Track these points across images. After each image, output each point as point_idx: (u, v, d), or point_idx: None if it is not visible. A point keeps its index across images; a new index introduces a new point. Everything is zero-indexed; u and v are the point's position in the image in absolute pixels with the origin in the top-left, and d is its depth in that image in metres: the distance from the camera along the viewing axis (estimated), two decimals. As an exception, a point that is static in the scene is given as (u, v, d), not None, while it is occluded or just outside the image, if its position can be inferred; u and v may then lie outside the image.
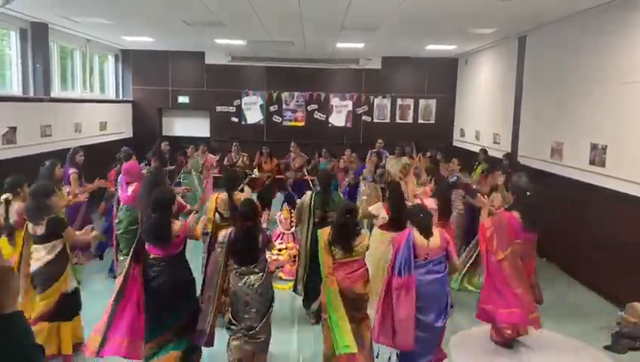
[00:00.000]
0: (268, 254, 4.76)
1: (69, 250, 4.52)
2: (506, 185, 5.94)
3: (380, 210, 5.51)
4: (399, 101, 13.38)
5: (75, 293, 4.56)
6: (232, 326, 4.21)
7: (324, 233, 4.33)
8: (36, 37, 8.93)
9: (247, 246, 4.15)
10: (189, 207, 5.68)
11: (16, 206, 4.81)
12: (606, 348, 5.11)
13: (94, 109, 11.16)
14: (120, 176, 6.38)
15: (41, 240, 4.31)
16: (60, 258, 4.36)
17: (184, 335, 4.19)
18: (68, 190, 6.25)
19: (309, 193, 5.54)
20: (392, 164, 9.65)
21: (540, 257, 7.96)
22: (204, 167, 9.53)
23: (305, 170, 9.68)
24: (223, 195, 5.17)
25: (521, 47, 9.15)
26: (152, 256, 4.14)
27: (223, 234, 4.28)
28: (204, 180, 9.62)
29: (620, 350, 5.06)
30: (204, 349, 4.37)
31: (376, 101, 13.40)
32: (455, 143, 12.98)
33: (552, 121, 7.94)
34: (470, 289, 6.49)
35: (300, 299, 5.73)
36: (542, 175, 7.97)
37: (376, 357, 4.43)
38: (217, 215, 5.19)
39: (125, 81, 13.17)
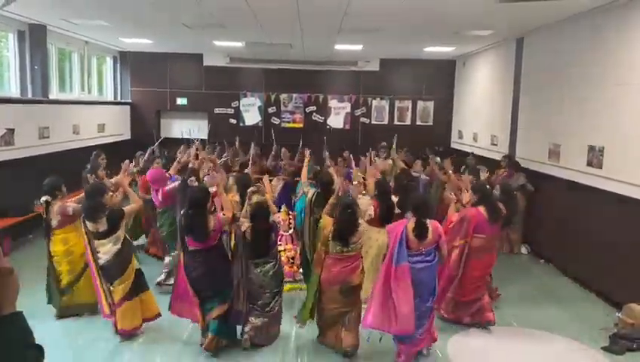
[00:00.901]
0: None
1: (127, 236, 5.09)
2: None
3: (368, 207, 5.64)
4: (397, 103, 13.40)
5: (140, 270, 5.14)
6: (249, 305, 4.78)
7: (327, 224, 4.67)
8: (34, 39, 8.93)
9: (261, 243, 4.74)
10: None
11: (56, 207, 5.22)
12: (603, 349, 5.12)
13: (92, 111, 11.16)
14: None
15: (105, 235, 4.84)
16: (126, 244, 4.96)
17: (228, 316, 4.70)
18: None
19: (312, 190, 5.69)
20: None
21: (539, 259, 8.02)
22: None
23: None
24: (237, 197, 5.40)
25: (519, 50, 9.18)
26: (191, 249, 4.57)
27: (241, 229, 4.77)
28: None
29: (618, 351, 5.06)
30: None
31: (375, 103, 13.42)
32: (453, 145, 13.00)
33: (549, 122, 7.96)
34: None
35: (298, 301, 5.73)
36: (539, 177, 8.01)
37: (367, 341, 4.83)
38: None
39: (123, 82, 13.17)
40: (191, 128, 11.05)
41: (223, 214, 4.75)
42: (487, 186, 5.77)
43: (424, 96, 13.37)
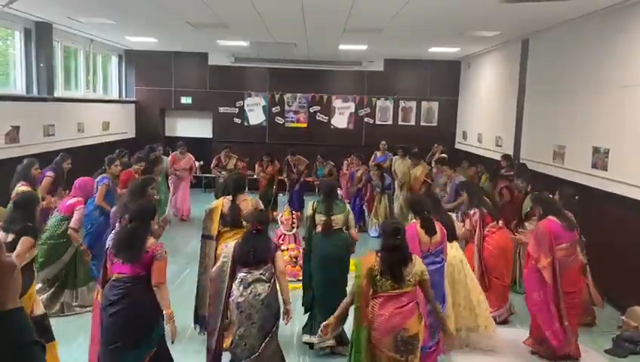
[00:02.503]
0: None
1: (35, 267, 4.16)
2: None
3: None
4: (402, 103, 13.38)
5: (45, 318, 3.99)
6: (235, 350, 3.89)
7: (367, 260, 3.65)
8: (40, 37, 8.95)
9: (255, 248, 3.93)
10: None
11: None
12: (607, 351, 5.10)
13: (97, 109, 11.19)
14: (97, 179, 6.24)
15: (8, 249, 3.80)
16: (24, 273, 3.88)
17: None
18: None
19: (311, 203, 5.27)
20: (398, 165, 9.71)
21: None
22: (169, 171, 9.57)
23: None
24: (229, 198, 5.04)
25: (524, 51, 9.15)
26: (114, 277, 3.65)
27: (226, 249, 4.08)
28: (182, 181, 9.74)
29: (621, 354, 5.05)
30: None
31: (379, 103, 13.40)
32: (457, 146, 12.97)
33: (554, 124, 7.93)
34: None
35: (299, 300, 5.43)
36: (544, 178, 7.97)
37: None
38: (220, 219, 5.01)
39: (128, 81, 13.20)
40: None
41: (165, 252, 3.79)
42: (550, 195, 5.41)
43: (429, 97, 13.34)
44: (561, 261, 4.76)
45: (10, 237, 3.98)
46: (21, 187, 5.58)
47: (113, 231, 4.19)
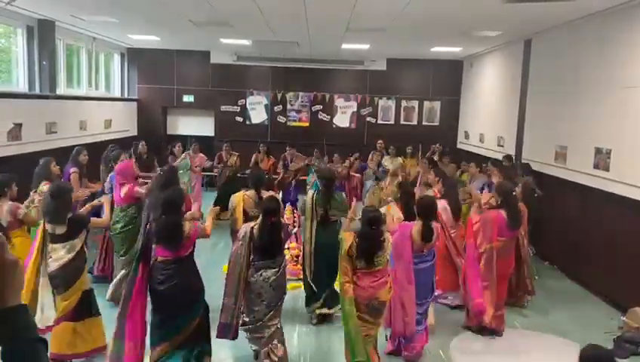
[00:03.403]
0: None
1: (85, 249, 4.51)
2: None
3: (395, 211, 5.41)
4: (404, 103, 13.37)
5: (91, 292, 4.55)
6: (245, 319, 4.36)
7: (348, 239, 4.24)
8: (43, 34, 8.97)
9: (270, 242, 4.28)
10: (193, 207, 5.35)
11: (6, 206, 4.79)
12: (607, 352, 5.10)
13: (99, 107, 11.20)
14: (110, 175, 6.28)
15: (61, 239, 4.30)
16: (80, 256, 4.38)
17: (194, 339, 4.14)
18: None
19: (310, 192, 5.57)
20: (387, 164, 9.75)
21: (543, 261, 7.98)
22: (191, 167, 9.52)
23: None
24: (250, 193, 5.19)
25: (527, 51, 9.13)
26: (160, 259, 4.06)
27: (244, 230, 4.37)
28: (193, 180, 9.69)
29: (622, 355, 5.03)
30: (227, 348, 4.65)
31: (381, 102, 13.39)
32: (459, 146, 12.96)
33: (556, 124, 7.92)
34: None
35: (301, 300, 5.75)
36: (545, 178, 7.96)
37: (386, 339, 4.86)
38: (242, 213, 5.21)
39: (131, 79, 13.21)
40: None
41: (202, 223, 4.37)
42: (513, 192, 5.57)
43: (431, 97, 13.33)
44: (498, 250, 5.25)
45: (60, 229, 4.28)
46: (44, 186, 5.54)
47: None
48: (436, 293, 5.25)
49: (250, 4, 7.03)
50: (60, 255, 4.28)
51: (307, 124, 13.44)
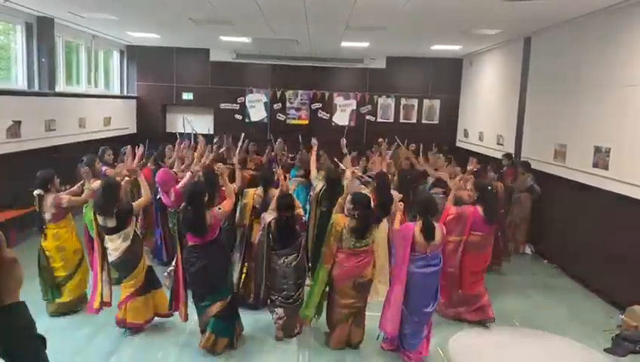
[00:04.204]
0: None
1: (138, 232, 5.05)
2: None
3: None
4: (403, 101, 13.37)
5: (151, 270, 5.16)
6: (272, 296, 4.96)
7: (340, 221, 4.62)
8: (42, 31, 8.95)
9: (286, 234, 4.84)
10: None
11: (50, 199, 5.14)
12: (606, 350, 5.11)
13: (99, 105, 11.18)
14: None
15: (114, 230, 4.75)
16: (136, 240, 4.90)
17: (228, 315, 4.65)
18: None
19: (320, 184, 5.96)
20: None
21: (542, 259, 8.00)
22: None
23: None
24: (260, 191, 5.55)
25: (527, 49, 9.13)
26: (190, 244, 4.57)
27: (264, 221, 4.94)
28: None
29: (620, 353, 5.05)
30: (251, 317, 5.25)
31: (381, 101, 13.39)
32: (459, 144, 12.96)
33: (555, 123, 7.92)
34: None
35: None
36: (544, 177, 7.97)
37: (377, 339, 4.89)
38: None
39: (130, 76, 13.20)
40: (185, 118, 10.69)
41: (219, 208, 4.69)
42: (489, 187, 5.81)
43: (430, 95, 13.33)
44: (475, 244, 5.44)
45: (111, 221, 4.72)
46: (94, 183, 5.57)
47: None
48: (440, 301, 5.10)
49: (250, 2, 7.02)
50: (117, 244, 4.76)
51: (306, 122, 13.43)
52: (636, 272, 5.77)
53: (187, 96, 13.30)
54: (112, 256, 4.81)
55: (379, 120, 13.39)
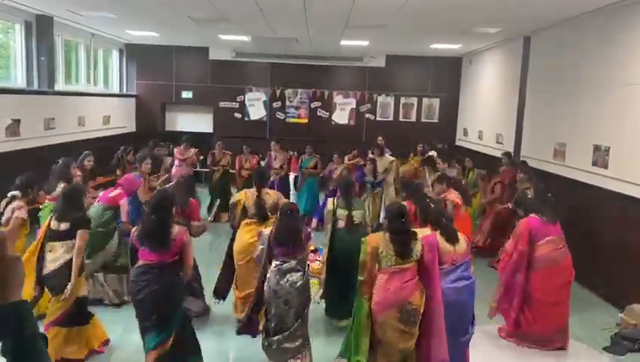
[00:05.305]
0: None
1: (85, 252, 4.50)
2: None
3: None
4: (403, 99, 13.36)
5: (86, 300, 4.52)
6: (269, 325, 4.11)
7: (372, 240, 3.96)
8: (41, 30, 8.93)
9: (290, 237, 4.13)
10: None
11: (15, 203, 4.86)
12: (605, 349, 5.11)
13: (98, 103, 11.18)
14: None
15: (63, 236, 4.30)
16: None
17: (182, 352, 3.96)
18: None
19: (330, 200, 5.53)
20: (377, 162, 9.69)
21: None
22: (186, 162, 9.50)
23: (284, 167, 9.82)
24: (252, 191, 5.29)
25: (526, 48, 9.13)
26: (142, 263, 3.86)
27: (263, 236, 4.37)
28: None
29: (620, 352, 5.05)
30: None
31: (380, 99, 13.38)
32: (458, 143, 12.97)
33: (555, 122, 7.92)
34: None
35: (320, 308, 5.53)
36: (544, 176, 7.97)
37: None
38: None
39: (129, 75, 13.18)
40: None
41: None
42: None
43: (430, 93, 13.32)
44: (550, 256, 4.95)
45: (65, 225, 4.32)
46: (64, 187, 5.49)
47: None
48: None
49: (249, 1, 7.02)
50: (58, 254, 4.27)
51: (306, 121, 13.43)
52: (636, 271, 5.78)
53: (186, 94, 13.29)
54: (47, 269, 4.26)
55: (378, 118, 13.38)
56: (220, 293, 5.38)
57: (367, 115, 13.40)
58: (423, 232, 4.14)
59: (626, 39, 6.29)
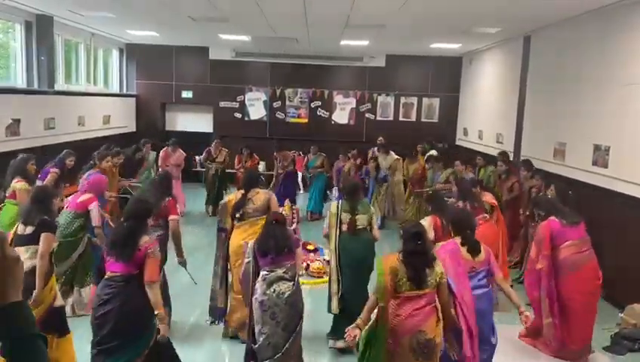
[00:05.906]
0: None
1: (53, 260, 4.14)
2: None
3: (429, 228, 4.69)
4: (403, 99, 13.36)
5: (62, 310, 4.14)
6: (259, 348, 3.80)
7: (388, 259, 3.58)
8: (41, 30, 8.93)
9: (275, 236, 3.92)
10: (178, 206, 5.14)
11: None
12: (605, 349, 5.12)
13: (98, 103, 11.18)
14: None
15: (27, 240, 4.00)
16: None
17: None
18: None
19: (334, 202, 5.25)
20: (381, 161, 9.74)
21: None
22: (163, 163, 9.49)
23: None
24: (239, 193, 5.10)
25: (526, 48, 9.13)
26: (107, 275, 3.53)
27: (248, 249, 4.08)
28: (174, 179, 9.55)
29: (620, 351, 5.06)
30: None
31: (380, 99, 13.38)
32: (458, 142, 12.97)
33: (555, 121, 7.93)
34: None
35: (323, 323, 5.14)
36: (544, 175, 7.96)
37: None
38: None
39: (129, 75, 13.18)
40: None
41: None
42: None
43: (430, 93, 13.32)
44: (572, 259, 4.77)
45: (30, 229, 4.04)
46: (17, 183, 5.41)
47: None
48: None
49: (249, 0, 7.02)
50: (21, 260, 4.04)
51: (306, 121, 13.43)
52: (636, 271, 5.78)
53: (186, 94, 13.28)
54: None
55: (378, 118, 13.38)
56: (216, 312, 4.99)
57: (367, 115, 13.40)
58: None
59: (626, 39, 6.29)
